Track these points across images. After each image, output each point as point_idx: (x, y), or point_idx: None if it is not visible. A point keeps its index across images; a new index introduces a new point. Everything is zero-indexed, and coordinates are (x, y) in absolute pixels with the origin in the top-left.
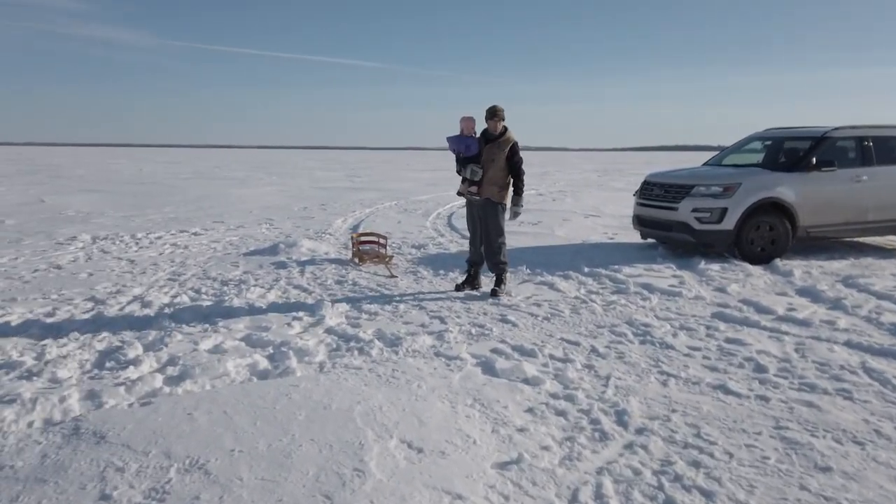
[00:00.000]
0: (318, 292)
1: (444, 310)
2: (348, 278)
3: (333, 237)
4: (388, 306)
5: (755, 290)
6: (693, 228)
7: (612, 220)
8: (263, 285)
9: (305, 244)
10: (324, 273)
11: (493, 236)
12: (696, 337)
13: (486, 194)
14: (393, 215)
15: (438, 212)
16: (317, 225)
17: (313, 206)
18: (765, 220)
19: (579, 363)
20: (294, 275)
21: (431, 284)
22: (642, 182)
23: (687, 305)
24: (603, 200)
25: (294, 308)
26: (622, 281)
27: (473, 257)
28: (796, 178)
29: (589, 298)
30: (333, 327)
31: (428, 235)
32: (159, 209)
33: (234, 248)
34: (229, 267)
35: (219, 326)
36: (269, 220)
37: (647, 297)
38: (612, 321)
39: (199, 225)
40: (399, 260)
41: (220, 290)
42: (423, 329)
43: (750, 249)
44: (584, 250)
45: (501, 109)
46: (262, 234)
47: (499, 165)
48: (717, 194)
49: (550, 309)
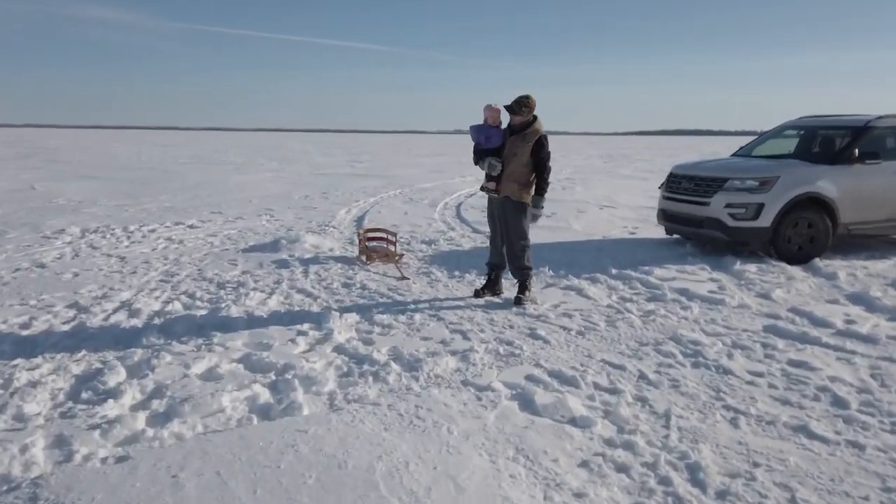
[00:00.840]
0: (325, 298)
1: (464, 321)
2: (356, 280)
3: (337, 230)
4: (402, 316)
5: (802, 296)
6: (726, 225)
7: (628, 211)
8: (264, 289)
9: (308, 240)
10: (329, 274)
11: (515, 239)
12: (755, 358)
13: (506, 192)
14: (398, 205)
15: (446, 201)
16: (319, 216)
17: (314, 195)
18: (803, 217)
19: (629, 395)
20: (297, 276)
21: (447, 289)
22: (669, 174)
23: (733, 316)
24: (614, 189)
25: (298, 318)
26: (656, 286)
27: (494, 259)
28: (837, 172)
29: (623, 307)
30: (343, 344)
31: (438, 229)
32: (155, 197)
33: (232, 243)
34: (227, 266)
35: (214, 343)
36: (269, 211)
37: (688, 306)
38: (654, 336)
39: (195, 216)
40: (409, 258)
41: (217, 294)
42: (445, 347)
43: (787, 248)
44: (607, 247)
45: (532, 100)
46: (261, 226)
47: (521, 160)
48: (752, 188)
49: (583, 321)
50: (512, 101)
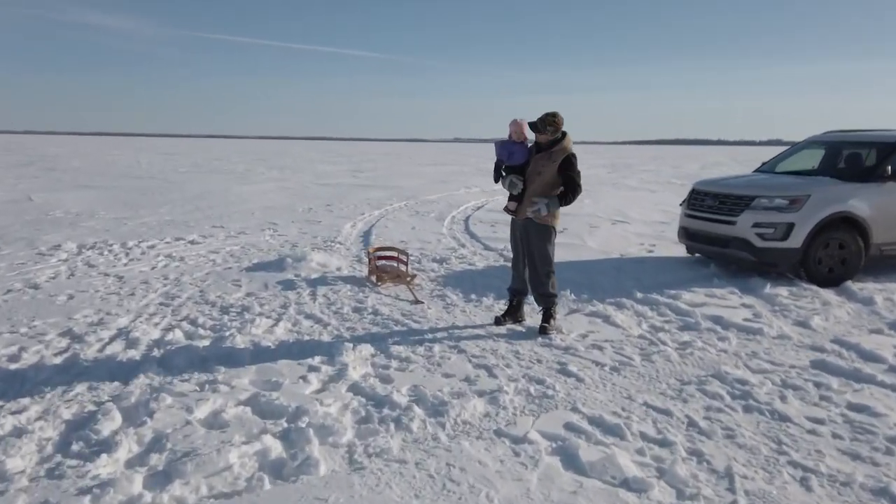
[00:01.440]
0: (335, 325)
1: (488, 354)
2: (367, 304)
3: (344, 247)
4: (420, 348)
5: (842, 324)
6: (754, 246)
7: (643, 227)
8: (270, 314)
9: (315, 258)
10: (338, 297)
11: (539, 264)
12: (810, 401)
13: (528, 213)
14: (405, 219)
15: (453, 215)
16: (324, 231)
17: (319, 207)
18: (835, 237)
19: (682, 447)
20: (305, 299)
21: (465, 314)
22: (691, 191)
23: (775, 349)
24: (624, 202)
25: (308, 350)
26: (686, 312)
27: (516, 285)
28: (869, 189)
29: (656, 338)
30: (359, 383)
31: (448, 246)
32: (154, 210)
33: (235, 260)
34: (230, 287)
35: (218, 380)
36: (273, 225)
37: (725, 337)
38: (695, 373)
39: (196, 230)
40: (422, 279)
41: (220, 320)
42: (470, 387)
43: (818, 270)
44: (627, 267)
45: (559, 118)
46: (265, 242)
47: (546, 179)
48: (782, 207)
49: (616, 354)
50: (537, 119)
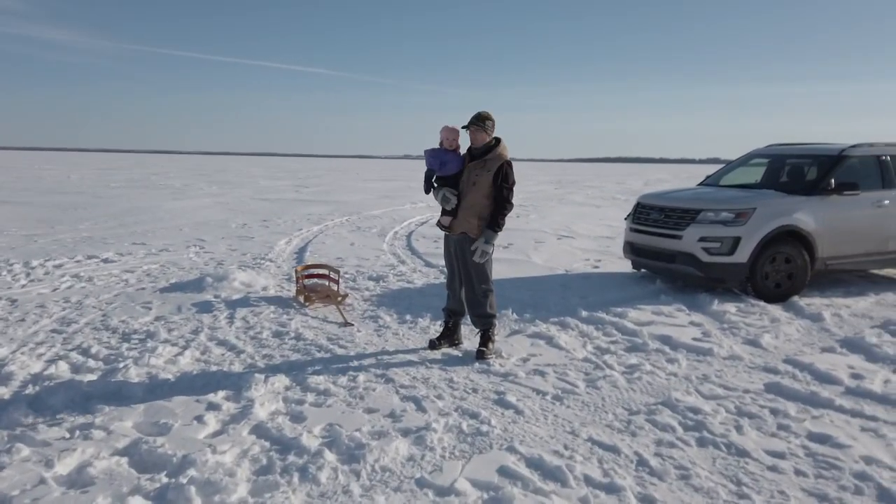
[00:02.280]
0: (250, 353)
1: (418, 383)
2: (290, 328)
3: (274, 265)
4: (342, 378)
5: (792, 342)
6: (700, 261)
7: (588, 241)
8: (177, 341)
9: (239, 277)
10: (259, 319)
11: (476, 283)
12: (768, 430)
13: (463, 227)
14: (345, 234)
15: (395, 230)
16: (256, 248)
17: (254, 223)
18: (781, 252)
19: (632, 493)
20: (220, 322)
21: (398, 338)
22: (636, 204)
23: (727, 371)
24: (570, 217)
25: (213, 383)
26: (633, 332)
27: (452, 305)
28: (814, 203)
29: (602, 361)
30: (265, 422)
31: (387, 262)
32: (73, 226)
33: (150, 280)
34: (139, 310)
35: (95, 423)
36: (200, 242)
37: (674, 359)
38: (644, 400)
39: (114, 248)
40: (354, 299)
41: (117, 350)
42: (394, 424)
43: (764, 285)
44: (572, 283)
45: (490, 118)
46: (188, 260)
47: (482, 190)
48: (727, 221)
49: (559, 380)
50: (471, 118)
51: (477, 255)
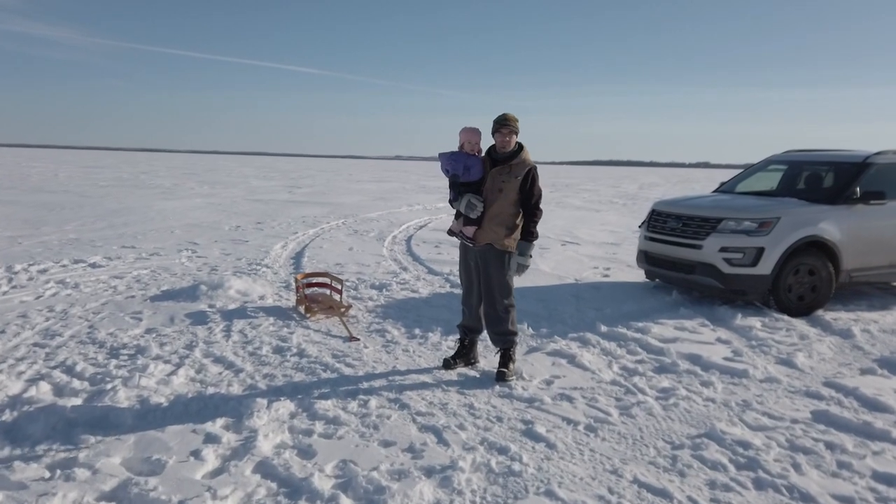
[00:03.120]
0: (249, 371)
1: (436, 410)
2: (292, 343)
3: (271, 271)
4: (352, 402)
5: (827, 362)
6: (721, 272)
7: (594, 248)
8: (170, 358)
9: (235, 285)
10: (258, 333)
11: (498, 297)
12: (827, 469)
13: (488, 238)
14: (342, 239)
15: (394, 234)
16: (251, 252)
17: (248, 225)
18: (805, 263)
19: None
20: (216, 336)
21: (408, 355)
22: (651, 211)
23: (767, 396)
24: (572, 222)
25: (210, 408)
26: (659, 350)
27: (469, 322)
28: (839, 213)
29: (632, 384)
30: (270, 459)
31: (388, 269)
32: (60, 227)
33: (140, 287)
34: (128, 321)
35: (80, 459)
36: (193, 245)
37: (708, 381)
38: (686, 432)
39: (102, 251)
40: (358, 310)
41: (105, 367)
42: (415, 460)
43: (788, 298)
44: (585, 294)
45: (515, 119)
46: (180, 265)
47: (509, 198)
48: (750, 231)
49: (589, 407)
50: (499, 118)
51: (513, 270)
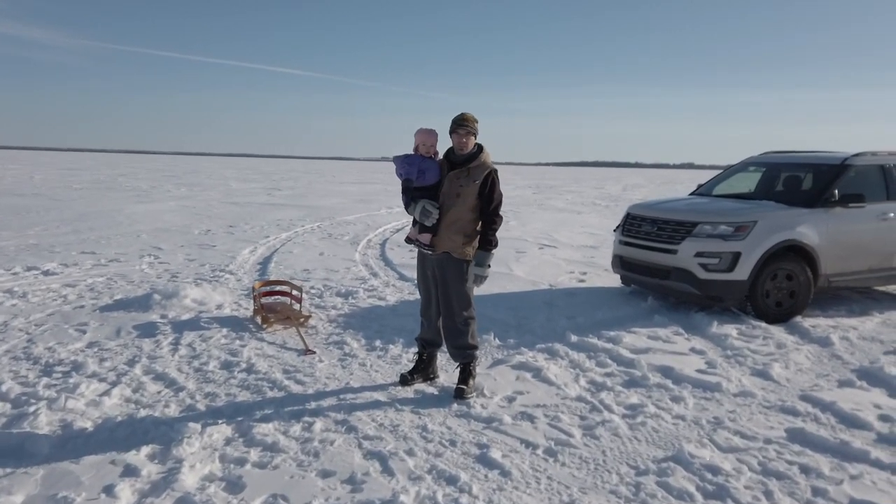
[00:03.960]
0: (191, 390)
1: (386, 432)
2: (242, 357)
3: (234, 277)
4: (295, 426)
5: (805, 373)
6: (697, 277)
7: (571, 251)
8: (107, 375)
9: (191, 293)
10: (208, 346)
11: (457, 309)
12: (801, 496)
13: (446, 247)
14: (315, 243)
15: (369, 238)
16: (216, 257)
17: (218, 229)
18: (783, 268)
19: None
20: (162, 350)
21: (364, 370)
22: (626, 215)
23: (741, 412)
24: (552, 224)
25: (138, 433)
26: (629, 361)
27: (427, 335)
28: (817, 216)
29: (599, 401)
30: (191, 495)
31: (357, 275)
32: (21, 231)
33: (92, 296)
34: (71, 334)
35: None
36: (157, 251)
37: (679, 397)
38: (652, 454)
39: (60, 258)
40: (319, 319)
41: (33, 387)
42: (353, 493)
43: (765, 304)
44: (558, 301)
45: (474, 119)
46: (139, 272)
47: (467, 203)
48: (726, 235)
49: (551, 426)
50: (457, 119)
51: (470, 281)
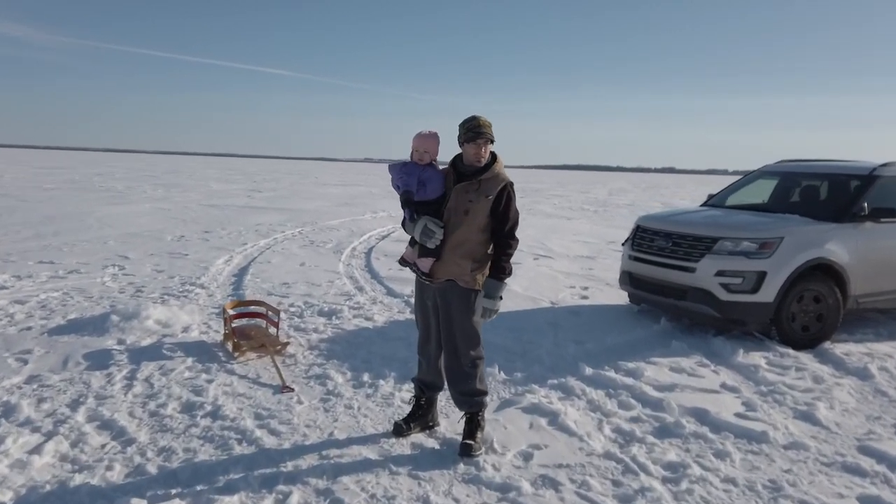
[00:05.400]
0: (142, 444)
1: None
2: (208, 396)
3: (206, 293)
4: (267, 498)
5: (853, 415)
6: (718, 299)
7: (568, 263)
8: (42, 424)
9: (154, 313)
10: (168, 382)
11: (462, 348)
12: None
13: (450, 273)
14: (295, 251)
15: (353, 245)
16: (187, 268)
17: (193, 235)
18: (810, 289)
19: None
20: (114, 387)
21: (351, 413)
22: (636, 227)
23: (799, 473)
24: (543, 231)
25: None
26: (655, 401)
27: (426, 376)
28: (846, 231)
29: (631, 457)
30: None
31: (342, 290)
32: None
33: (43, 315)
34: (9, 365)
35: None
36: (123, 260)
37: (723, 451)
38: None
39: (13, 268)
40: (298, 346)
41: None
42: None
43: (791, 328)
44: (563, 321)
45: (489, 125)
46: (100, 286)
47: (477, 222)
48: (750, 252)
49: (578, 496)
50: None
51: (478, 315)
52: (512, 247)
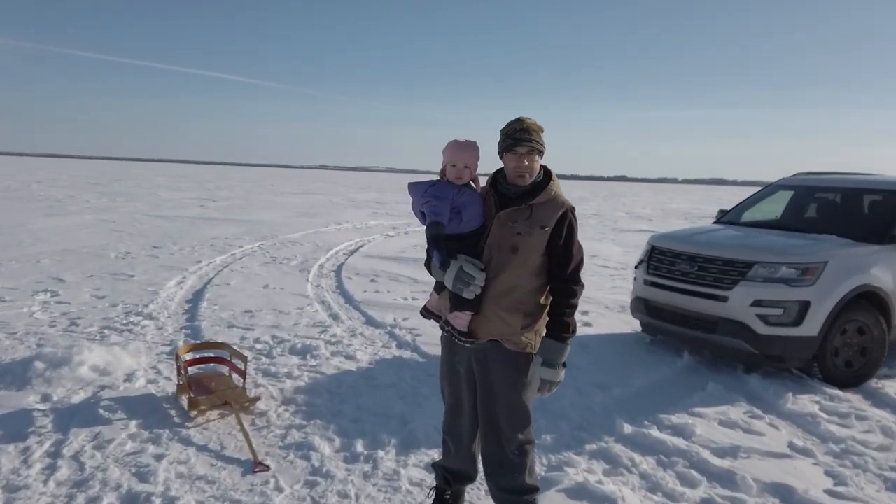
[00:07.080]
0: None
1: None
2: (157, 482)
3: (155, 324)
4: None
5: None
6: (754, 332)
7: None
8: None
9: (90, 357)
10: (103, 459)
11: (507, 430)
12: None
13: (494, 331)
14: (257, 270)
15: (321, 262)
16: (133, 293)
17: (140, 251)
18: (854, 320)
19: None
20: (30, 473)
21: None
22: (650, 248)
23: None
24: None
25: None
26: (722, 473)
27: (453, 463)
28: (889, 255)
29: None
30: None
31: (314, 319)
32: None
33: None
34: None
35: None
36: (57, 283)
37: None
38: None
39: None
40: (269, 399)
41: None
42: None
43: (834, 365)
44: (574, 358)
45: (540, 129)
46: (27, 318)
47: (529, 263)
48: (791, 279)
49: None
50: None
51: (533, 389)
52: (577, 294)
